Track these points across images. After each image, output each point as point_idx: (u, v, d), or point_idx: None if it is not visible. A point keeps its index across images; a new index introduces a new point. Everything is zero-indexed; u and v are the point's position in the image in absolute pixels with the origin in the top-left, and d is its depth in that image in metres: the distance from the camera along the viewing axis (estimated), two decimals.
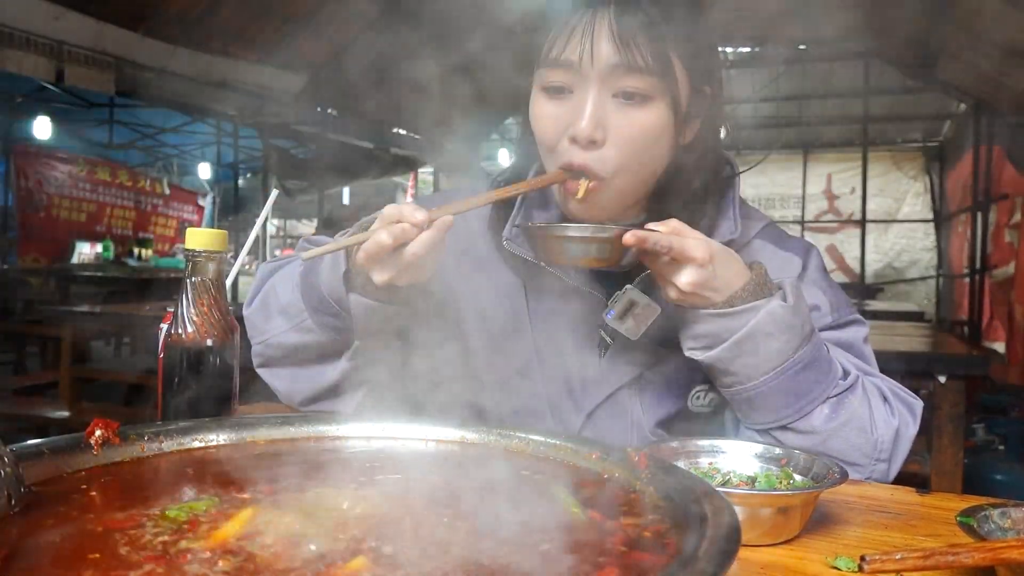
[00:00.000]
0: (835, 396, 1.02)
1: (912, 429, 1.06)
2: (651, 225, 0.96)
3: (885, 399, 1.06)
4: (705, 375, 1.09)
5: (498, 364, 1.16)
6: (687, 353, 1.02)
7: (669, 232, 0.94)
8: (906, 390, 1.10)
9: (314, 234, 1.18)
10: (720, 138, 1.13)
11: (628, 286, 1.02)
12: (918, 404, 1.09)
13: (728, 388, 1.03)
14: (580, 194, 1.01)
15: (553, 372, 1.15)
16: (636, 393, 1.13)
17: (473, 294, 1.17)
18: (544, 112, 1.03)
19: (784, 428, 1.02)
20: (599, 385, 1.13)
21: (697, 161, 1.08)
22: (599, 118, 0.97)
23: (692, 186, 1.08)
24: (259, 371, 1.16)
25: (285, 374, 1.14)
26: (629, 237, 0.92)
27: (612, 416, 1.13)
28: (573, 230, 0.97)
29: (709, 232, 1.09)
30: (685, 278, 0.94)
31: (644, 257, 0.96)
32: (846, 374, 1.04)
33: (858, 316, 1.16)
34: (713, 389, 1.11)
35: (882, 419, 1.03)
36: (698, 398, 1.13)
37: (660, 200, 1.09)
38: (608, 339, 1.12)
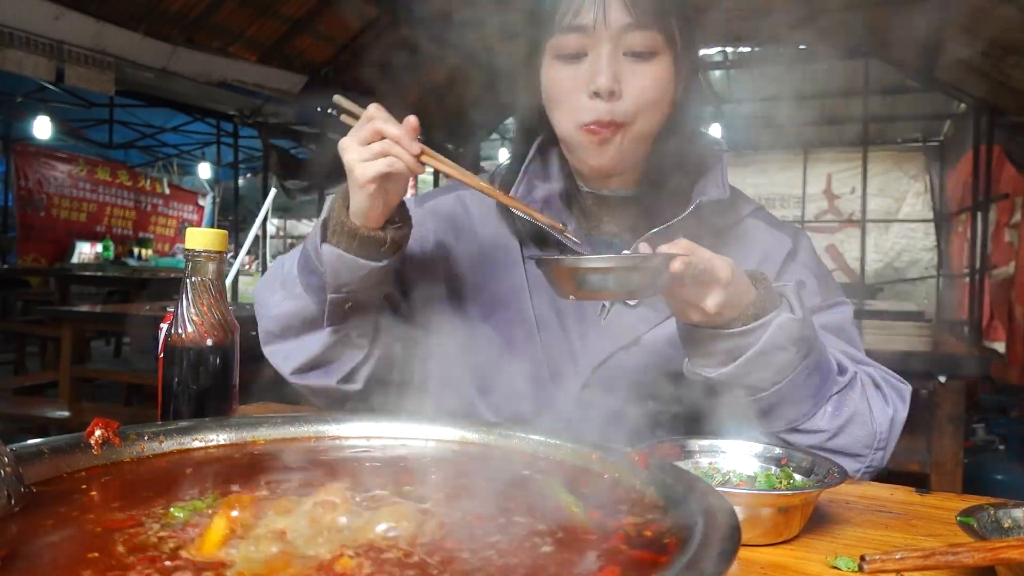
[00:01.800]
0: (836, 394, 1.04)
1: (903, 413, 1.10)
2: (663, 248, 0.94)
3: (877, 387, 1.10)
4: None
5: (498, 329, 1.19)
6: (698, 370, 1.02)
7: (684, 250, 0.92)
8: (894, 374, 1.14)
9: None
10: (703, 102, 1.19)
11: (626, 252, 1.04)
12: (907, 388, 1.12)
13: (739, 399, 1.03)
14: (617, 140, 1.07)
15: (553, 335, 1.17)
16: (635, 353, 1.15)
17: (471, 259, 1.21)
18: (562, 75, 1.09)
19: (793, 430, 1.04)
20: (598, 347, 1.15)
21: (685, 120, 1.16)
22: (616, 73, 1.05)
23: (682, 145, 1.14)
24: (264, 351, 1.19)
25: (280, 350, 1.16)
26: (678, 265, 0.89)
27: (611, 378, 1.15)
28: (595, 261, 0.91)
29: (691, 187, 1.14)
30: (712, 300, 0.94)
31: (672, 285, 0.94)
32: (843, 370, 1.07)
33: (845, 299, 1.20)
34: None
35: (879, 409, 1.07)
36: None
37: (655, 159, 1.14)
38: (607, 303, 1.16)
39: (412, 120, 0.97)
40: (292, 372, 1.15)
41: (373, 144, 0.96)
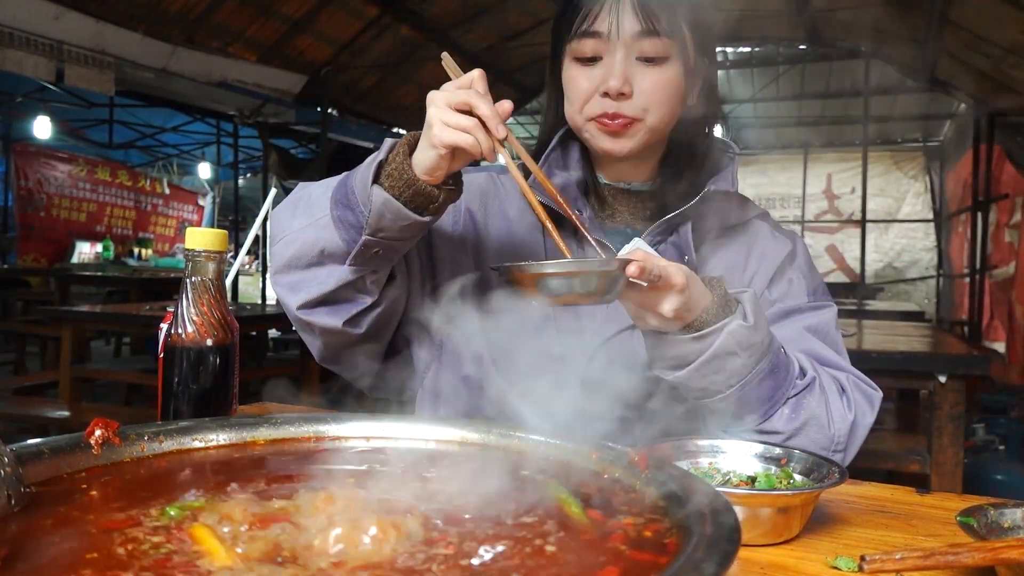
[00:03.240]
0: (794, 396, 1.07)
1: (869, 419, 1.13)
2: (622, 254, 0.99)
3: (843, 391, 1.12)
4: None
5: (513, 305, 1.21)
6: (655, 372, 1.08)
7: (642, 259, 0.94)
8: (867, 380, 1.17)
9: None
10: (717, 105, 1.28)
11: (636, 238, 1.10)
12: (876, 395, 1.15)
13: (696, 400, 1.07)
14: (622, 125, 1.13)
15: (567, 313, 1.22)
16: (638, 335, 1.18)
17: (497, 235, 1.26)
18: (578, 75, 1.16)
19: (749, 431, 1.07)
20: (605, 326, 1.20)
21: (699, 121, 1.23)
22: (627, 76, 1.12)
23: (695, 143, 1.22)
24: (270, 280, 1.20)
25: (287, 281, 1.16)
26: (633, 269, 0.92)
27: (615, 354, 1.19)
28: (553, 267, 0.93)
29: (704, 184, 1.19)
30: (669, 306, 0.97)
31: (627, 291, 0.97)
32: (803, 373, 1.10)
33: (831, 302, 1.24)
34: None
35: (839, 414, 1.10)
36: None
37: (670, 156, 1.23)
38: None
39: (506, 105, 0.99)
40: (299, 306, 1.14)
41: (461, 116, 0.97)
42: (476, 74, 1.00)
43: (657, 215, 1.19)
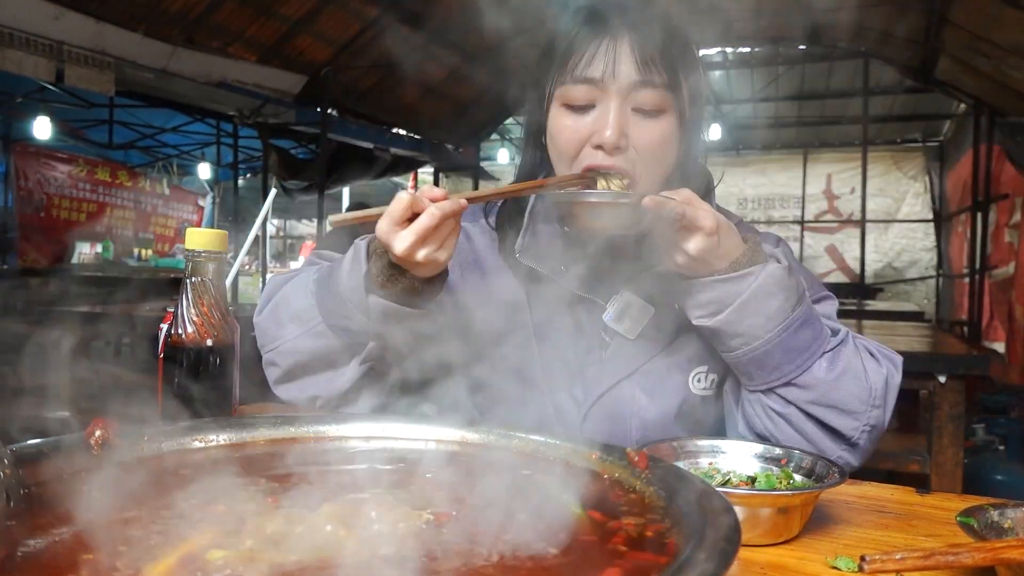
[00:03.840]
0: (831, 351, 1.07)
1: (897, 378, 1.12)
2: (666, 193, 1.01)
3: (871, 354, 1.13)
4: (702, 356, 1.16)
5: (503, 366, 1.19)
6: (695, 322, 1.07)
7: (683, 201, 0.99)
8: (886, 347, 1.16)
9: (319, 246, 1.21)
10: (703, 148, 1.25)
11: (623, 290, 1.09)
12: (899, 358, 1.15)
13: (735, 351, 1.06)
14: (616, 188, 1.08)
15: (556, 373, 1.19)
16: (637, 384, 1.17)
17: (479, 304, 1.21)
18: (567, 124, 1.10)
19: (788, 384, 1.05)
20: (599, 380, 1.17)
21: (688, 175, 1.17)
22: (622, 128, 1.06)
23: (684, 182, 1.17)
24: (274, 389, 1.18)
25: (296, 387, 1.15)
26: (648, 201, 0.97)
27: (613, 407, 1.16)
28: (595, 196, 1.04)
29: None
30: (693, 245, 1.00)
31: (656, 224, 1.01)
32: (835, 332, 1.10)
33: (830, 294, 1.23)
34: (712, 370, 1.17)
35: (873, 368, 1.09)
36: (699, 380, 1.18)
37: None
38: (607, 339, 1.19)
39: (432, 194, 0.97)
40: (320, 406, 1.14)
41: (417, 228, 0.95)
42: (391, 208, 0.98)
43: (641, 258, 1.15)
